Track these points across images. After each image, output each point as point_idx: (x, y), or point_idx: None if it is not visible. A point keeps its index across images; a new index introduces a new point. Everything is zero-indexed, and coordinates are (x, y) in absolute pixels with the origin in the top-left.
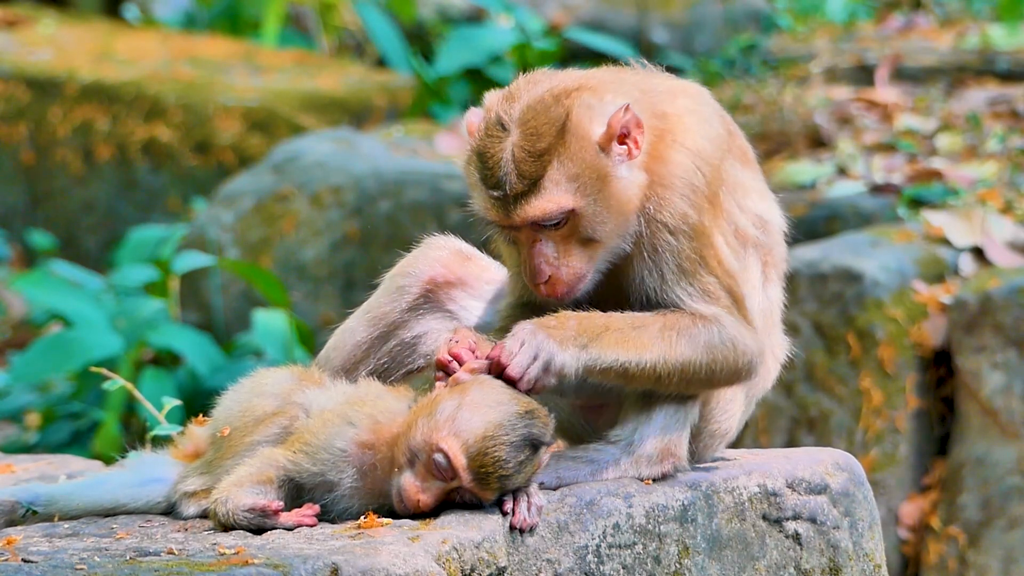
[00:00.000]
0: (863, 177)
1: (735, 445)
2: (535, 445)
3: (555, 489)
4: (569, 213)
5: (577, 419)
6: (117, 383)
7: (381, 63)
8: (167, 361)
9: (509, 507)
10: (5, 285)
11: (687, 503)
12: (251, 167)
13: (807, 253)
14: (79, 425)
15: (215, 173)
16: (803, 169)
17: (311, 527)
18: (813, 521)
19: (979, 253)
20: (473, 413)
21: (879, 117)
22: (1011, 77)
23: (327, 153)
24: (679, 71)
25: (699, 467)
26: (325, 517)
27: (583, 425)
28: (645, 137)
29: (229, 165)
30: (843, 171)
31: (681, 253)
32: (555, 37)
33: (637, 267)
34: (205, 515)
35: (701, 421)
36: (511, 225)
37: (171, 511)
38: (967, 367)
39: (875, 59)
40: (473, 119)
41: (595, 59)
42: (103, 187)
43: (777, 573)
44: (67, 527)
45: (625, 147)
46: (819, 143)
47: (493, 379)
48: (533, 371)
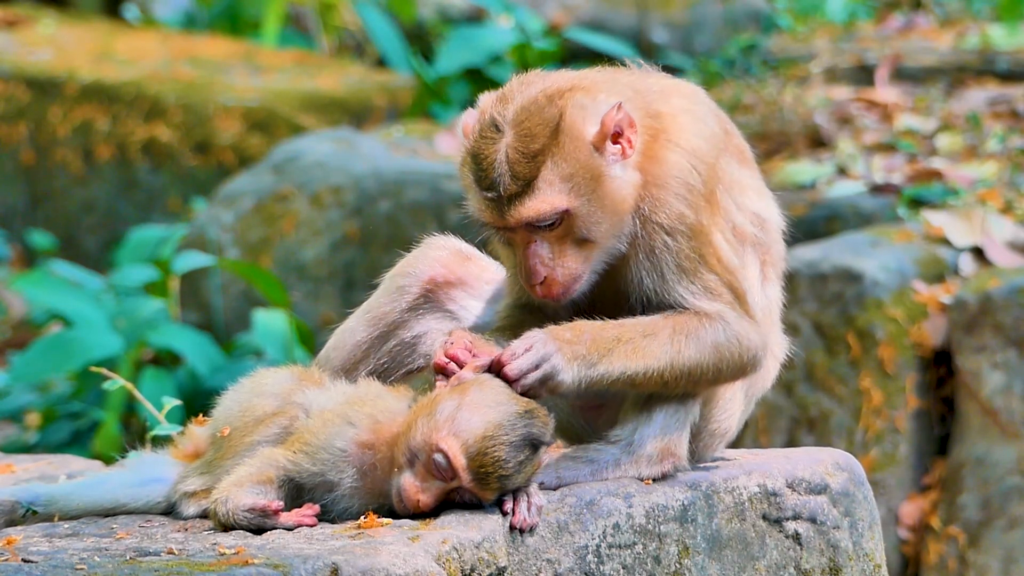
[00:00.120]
0: (863, 177)
1: (735, 445)
2: (535, 445)
3: (555, 489)
4: (563, 213)
5: (577, 419)
6: (117, 383)
7: (381, 63)
8: (167, 361)
9: (509, 507)
10: (5, 285)
11: (687, 503)
12: (251, 167)
13: (807, 253)
14: (79, 425)
15: (215, 173)
16: (803, 169)
17: (311, 527)
18: (813, 521)
19: (979, 253)
20: (473, 413)
21: (879, 117)
22: (1011, 77)
23: (327, 153)
24: (679, 71)
25: (699, 467)
26: (325, 517)
27: (583, 425)
28: (639, 137)
29: (229, 165)
30: (843, 171)
31: (680, 253)
32: (555, 37)
33: (635, 268)
34: (205, 515)
35: (701, 421)
36: (506, 226)
37: (171, 511)
38: (967, 367)
39: (875, 59)
40: (468, 121)
41: (595, 59)
42: (103, 187)
43: (777, 573)
44: (67, 527)
45: (619, 147)
46: (819, 143)
47: (493, 379)
48: (531, 379)
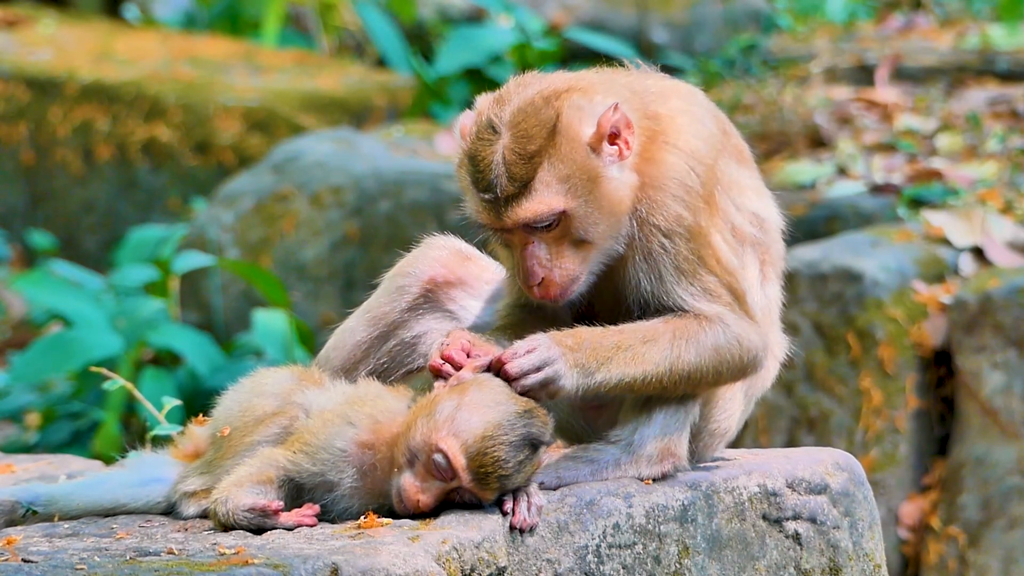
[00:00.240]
0: (863, 177)
1: (735, 445)
2: (534, 445)
3: (555, 489)
4: (560, 215)
5: (577, 419)
6: (117, 383)
7: (381, 63)
8: (167, 361)
9: (509, 507)
10: (5, 285)
11: (687, 503)
12: (251, 167)
13: (807, 253)
14: (79, 425)
15: (215, 173)
16: (803, 169)
17: (311, 527)
18: (813, 521)
19: (979, 253)
20: (472, 413)
21: (879, 117)
22: (1011, 77)
23: (327, 153)
24: (679, 71)
25: (699, 467)
26: (325, 517)
27: (583, 425)
28: (636, 138)
29: (229, 165)
30: (843, 171)
31: (678, 255)
32: (555, 37)
33: (632, 270)
34: (205, 515)
35: (701, 421)
36: (503, 228)
37: (171, 511)
38: (967, 367)
39: (875, 59)
40: (465, 122)
41: (595, 59)
42: (103, 187)
43: (777, 573)
44: (67, 527)
45: (616, 148)
46: (819, 143)
47: (492, 379)
48: (531, 380)
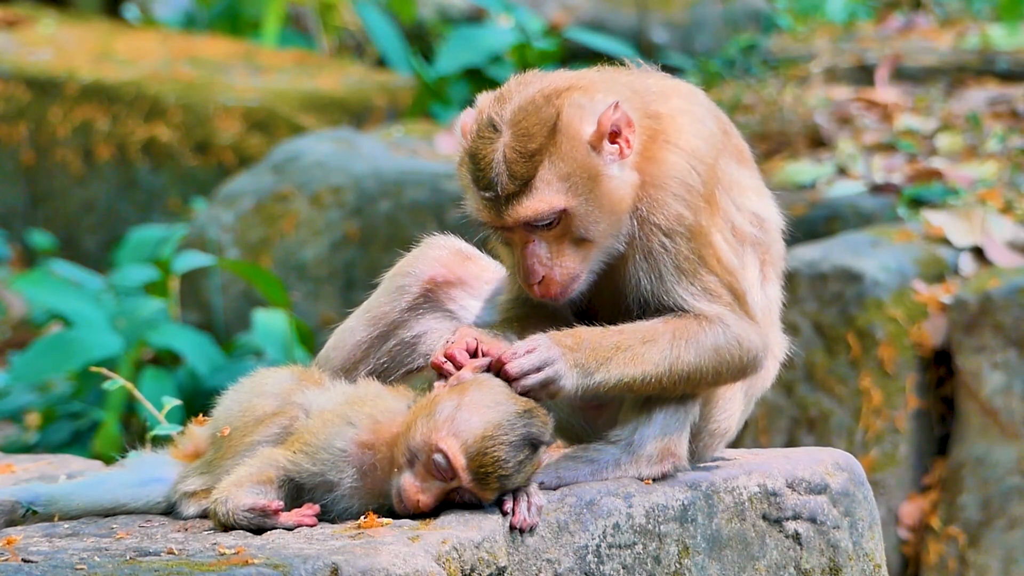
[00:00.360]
0: (863, 177)
1: (735, 445)
2: (534, 445)
3: (555, 489)
4: (561, 213)
5: (577, 419)
6: (117, 383)
7: (381, 63)
8: (167, 361)
9: (509, 507)
10: (5, 285)
11: (687, 503)
12: (251, 167)
13: (807, 253)
14: (79, 425)
15: (215, 173)
16: (803, 169)
17: (311, 527)
18: (813, 521)
19: (979, 253)
20: (472, 413)
21: (879, 117)
22: (1011, 77)
23: (327, 153)
24: (679, 71)
25: (699, 467)
26: (325, 517)
27: (583, 425)
28: (637, 137)
29: (229, 165)
30: (843, 171)
31: (679, 254)
32: (555, 37)
33: (633, 269)
34: (205, 515)
35: (701, 421)
36: (503, 226)
37: (171, 511)
38: (967, 367)
39: (875, 59)
40: (466, 120)
41: (595, 59)
42: (103, 187)
43: (777, 573)
44: (67, 527)
45: (616, 146)
46: (819, 143)
47: (492, 379)
48: (532, 380)
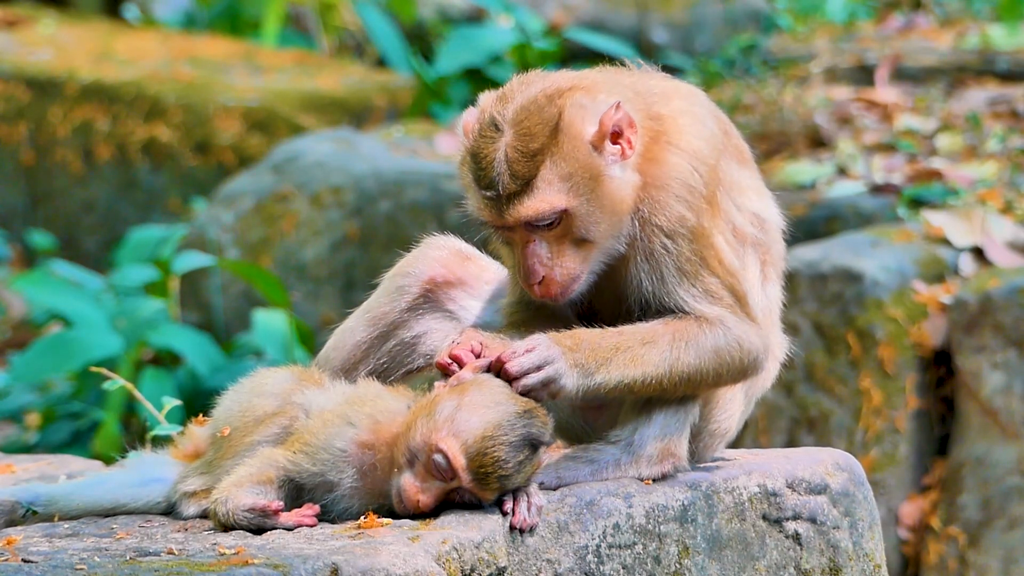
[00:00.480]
0: (863, 177)
1: (735, 445)
2: (534, 445)
3: (555, 489)
4: (562, 213)
5: (577, 419)
6: (117, 383)
7: (381, 63)
8: (167, 361)
9: (509, 507)
10: (5, 285)
11: (687, 503)
12: (251, 167)
13: (807, 253)
14: (79, 425)
15: (215, 173)
16: (803, 169)
17: (311, 527)
18: (813, 521)
19: (979, 253)
20: (472, 413)
21: (879, 117)
22: (1011, 77)
23: (327, 153)
24: (679, 71)
25: (699, 467)
26: (325, 517)
27: (583, 425)
28: (639, 138)
29: (229, 165)
30: (843, 171)
31: (680, 256)
32: (555, 37)
33: (634, 270)
34: (205, 515)
35: (701, 421)
36: (504, 225)
37: (171, 511)
38: (967, 367)
39: (875, 59)
40: (468, 120)
41: (595, 59)
42: (103, 187)
43: (777, 573)
44: (67, 527)
45: (618, 147)
46: (819, 143)
47: (493, 379)
48: (532, 379)
